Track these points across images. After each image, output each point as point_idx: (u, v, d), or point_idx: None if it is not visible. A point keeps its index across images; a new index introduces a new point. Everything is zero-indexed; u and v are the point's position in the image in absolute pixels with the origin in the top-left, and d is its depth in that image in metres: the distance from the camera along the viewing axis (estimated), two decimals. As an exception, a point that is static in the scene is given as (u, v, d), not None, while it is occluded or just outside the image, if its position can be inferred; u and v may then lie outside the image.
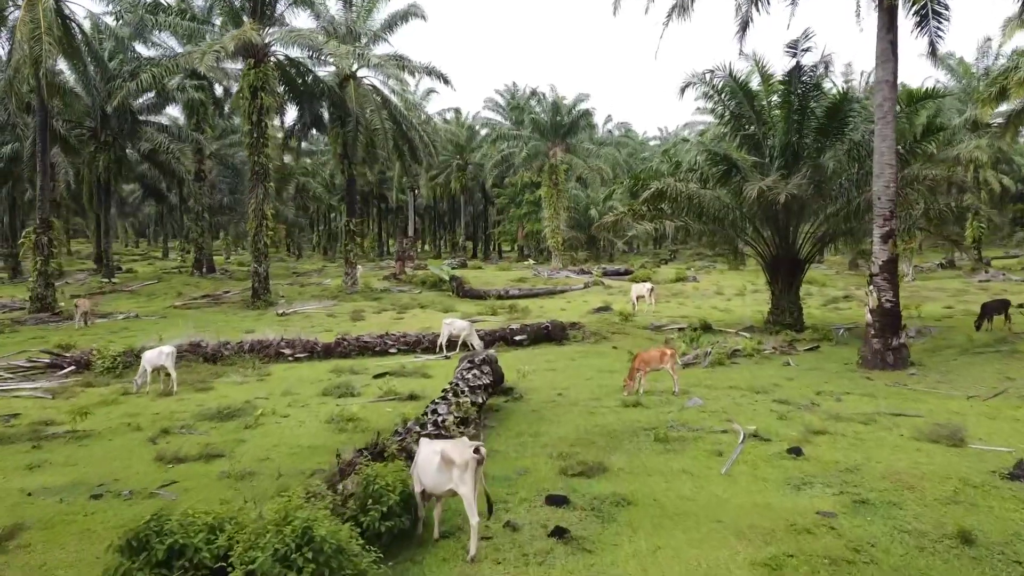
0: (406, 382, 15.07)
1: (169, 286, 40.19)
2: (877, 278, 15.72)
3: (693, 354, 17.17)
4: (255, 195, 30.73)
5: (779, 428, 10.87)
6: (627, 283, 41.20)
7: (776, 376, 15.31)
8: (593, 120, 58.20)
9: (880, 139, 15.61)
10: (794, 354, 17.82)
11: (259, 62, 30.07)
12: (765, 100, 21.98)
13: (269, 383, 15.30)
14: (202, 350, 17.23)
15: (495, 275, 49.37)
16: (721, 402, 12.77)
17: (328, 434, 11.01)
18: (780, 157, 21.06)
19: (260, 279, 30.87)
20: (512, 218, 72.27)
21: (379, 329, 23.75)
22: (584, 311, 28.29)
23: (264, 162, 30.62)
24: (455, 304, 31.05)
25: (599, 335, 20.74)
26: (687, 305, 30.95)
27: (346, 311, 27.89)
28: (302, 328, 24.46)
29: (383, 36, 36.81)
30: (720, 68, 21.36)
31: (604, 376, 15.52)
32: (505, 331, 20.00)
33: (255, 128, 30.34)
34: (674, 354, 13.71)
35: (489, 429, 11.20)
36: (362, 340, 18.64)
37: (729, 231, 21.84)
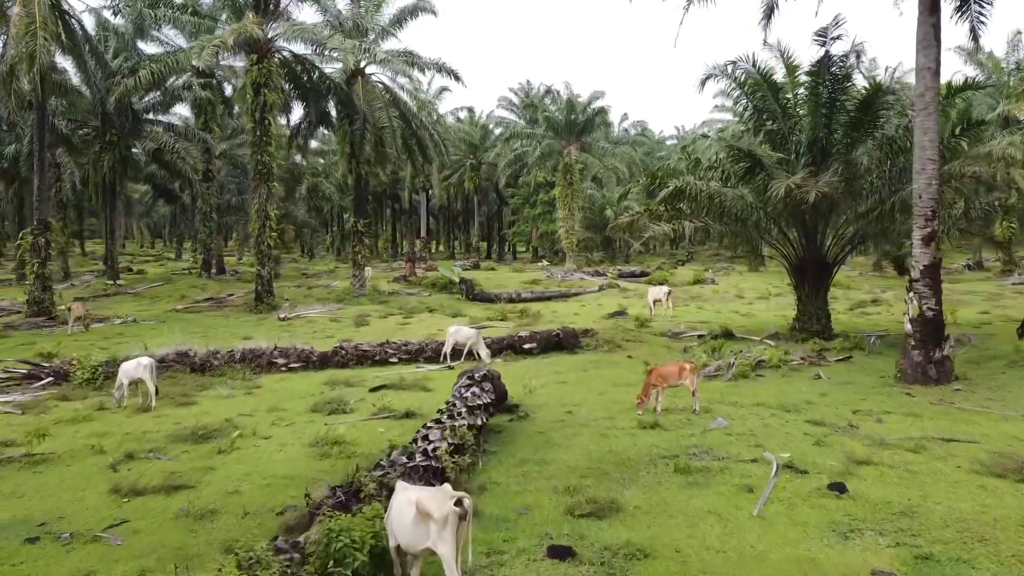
0: (404, 397, 13.93)
1: (174, 288, 39.37)
2: (918, 284, 14.39)
3: (715, 365, 15.90)
4: (258, 195, 29.76)
5: (816, 456, 9.61)
6: (643, 285, 39.89)
7: (807, 391, 14.02)
8: (608, 118, 56.99)
9: (921, 132, 14.28)
10: (824, 365, 16.50)
11: (262, 58, 29.07)
12: (791, 93, 20.66)
13: (257, 397, 14.22)
14: (190, 360, 16.19)
15: (507, 277, 48.26)
16: (748, 423, 11.52)
17: (309, 460, 9.88)
18: (807, 153, 19.72)
19: (263, 282, 29.91)
20: (526, 218, 71.08)
21: (383, 335, 22.65)
22: (598, 316, 27.05)
23: (267, 161, 29.64)
24: (464, 308, 29.93)
25: (613, 343, 19.51)
26: (706, 309, 29.64)
27: (351, 315, 26.83)
28: (304, 333, 23.46)
29: (391, 32, 35.75)
30: (743, 59, 20.08)
31: (618, 390, 14.30)
32: (514, 339, 18.81)
33: (258, 126, 29.36)
34: (694, 368, 12.48)
35: (489, 455, 10.03)
36: (361, 349, 17.54)
37: (752, 232, 20.53)
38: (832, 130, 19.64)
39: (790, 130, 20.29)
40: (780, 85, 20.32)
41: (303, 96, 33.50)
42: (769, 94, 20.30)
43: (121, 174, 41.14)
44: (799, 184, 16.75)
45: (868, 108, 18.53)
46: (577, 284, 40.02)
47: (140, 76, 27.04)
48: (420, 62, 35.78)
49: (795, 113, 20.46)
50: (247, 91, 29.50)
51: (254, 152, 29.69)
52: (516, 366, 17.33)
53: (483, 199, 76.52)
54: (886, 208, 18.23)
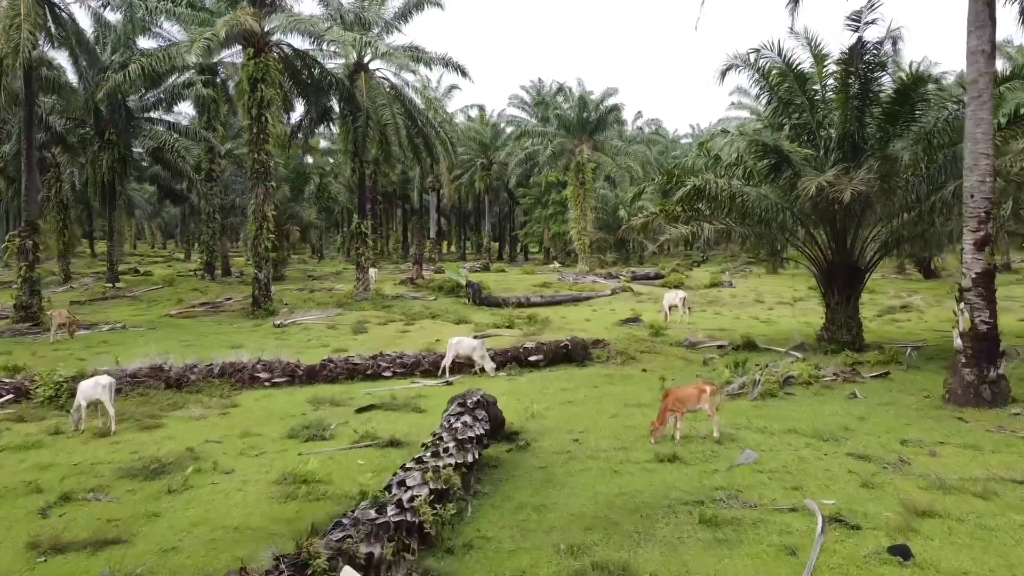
0: (392, 419, 12.54)
1: (174, 291, 38.22)
2: (970, 294, 12.83)
3: (739, 382, 14.41)
4: (255, 195, 28.51)
5: (867, 504, 8.12)
6: (658, 289, 38.36)
7: (843, 414, 12.50)
8: (622, 116, 55.46)
9: (973, 123, 12.73)
10: (860, 382, 14.95)
11: (259, 52, 27.82)
12: (818, 84, 19.10)
13: (231, 418, 12.87)
14: (165, 374, 14.87)
15: (517, 279, 46.87)
16: (780, 456, 10.02)
17: (271, 504, 8.50)
18: (837, 149, 18.17)
19: (261, 286, 28.65)
20: (537, 219, 69.71)
21: (381, 344, 21.31)
22: (610, 322, 25.58)
23: (264, 160, 28.38)
24: (470, 313, 28.52)
25: (626, 354, 18.03)
26: (724, 315, 28.08)
27: (350, 322, 25.49)
28: (297, 342, 22.17)
29: (396, 26, 34.38)
30: (767, 47, 18.54)
31: (631, 412, 12.85)
32: (518, 351, 17.37)
33: (255, 123, 28.10)
34: (715, 391, 10.98)
35: (481, 498, 8.61)
36: (351, 362, 16.17)
37: (776, 235, 18.99)
38: (864, 124, 18.08)
39: (818, 124, 18.74)
40: (807, 75, 18.76)
41: (303, 92, 32.24)
42: (795, 85, 18.76)
43: (121, 174, 40.06)
44: (831, 182, 15.22)
45: (905, 100, 16.96)
46: (589, 287, 38.55)
47: (130, 71, 25.81)
48: (425, 57, 34.43)
49: (823, 106, 18.90)
50: (243, 87, 28.26)
51: (251, 150, 28.43)
52: (521, 381, 15.94)
53: (494, 199, 75.14)
54: (925, 208, 16.65)
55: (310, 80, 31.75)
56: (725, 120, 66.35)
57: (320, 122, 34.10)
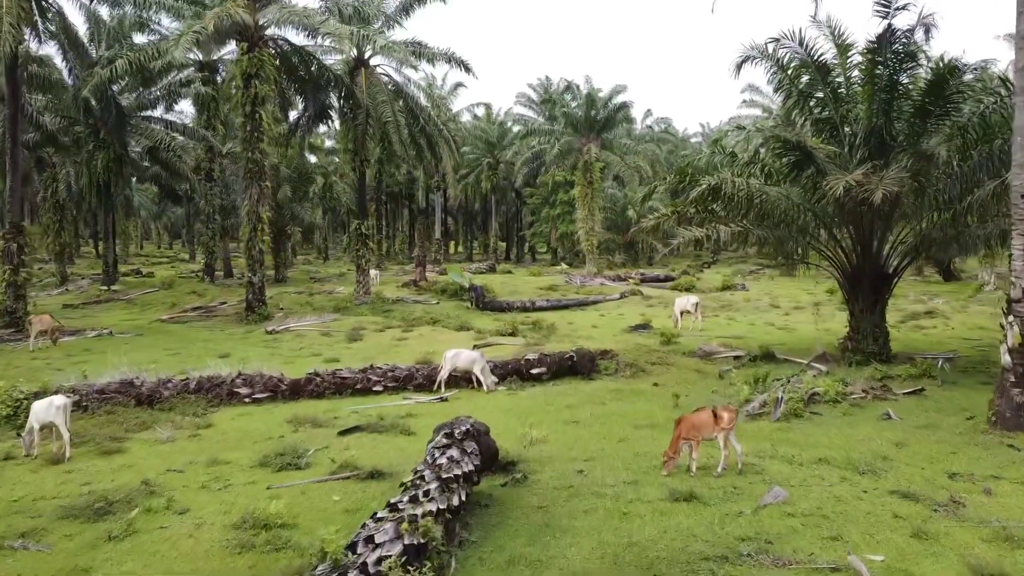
0: (377, 444, 11.36)
1: (170, 295, 37.20)
2: (1019, 306, 11.53)
3: (760, 400, 13.16)
4: (249, 196, 27.40)
5: (922, 561, 6.88)
6: (668, 292, 37.10)
7: (878, 439, 11.23)
8: (631, 114, 54.09)
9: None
10: (892, 400, 13.67)
11: (253, 46, 26.70)
12: (842, 76, 17.80)
13: (201, 442, 11.72)
14: (136, 390, 13.74)
15: (524, 281, 45.70)
16: (813, 493, 8.79)
17: (222, 557, 7.32)
18: (863, 146, 16.88)
19: (255, 290, 27.54)
20: (545, 219, 68.50)
21: (375, 353, 20.18)
22: (619, 329, 24.35)
23: (259, 159, 27.25)
24: (472, 319, 27.33)
25: (636, 366, 16.80)
26: (738, 321, 26.80)
27: (345, 328, 24.35)
28: (288, 350, 21.06)
29: (397, 20, 33.23)
30: (788, 36, 17.26)
31: (641, 435, 11.63)
32: (519, 363, 16.16)
33: (248, 120, 27.00)
34: (733, 418, 9.74)
35: (467, 548, 7.42)
36: (339, 376, 15.00)
37: (797, 237, 17.69)
38: (892, 118, 16.78)
39: (842, 119, 17.44)
40: (830, 66, 17.47)
41: (301, 89, 31.15)
42: (818, 77, 17.47)
43: (117, 174, 39.11)
44: (860, 181, 13.93)
45: (939, 92, 15.64)
46: (597, 290, 37.31)
47: (116, 66, 24.73)
48: (427, 52, 33.28)
49: (848, 99, 17.61)
50: (236, 83, 27.18)
51: (244, 149, 27.34)
52: (522, 397, 14.74)
53: (501, 199, 74.01)
54: (960, 209, 15.34)
55: (308, 77, 30.65)
56: (737, 118, 64.86)
57: (319, 120, 32.99)
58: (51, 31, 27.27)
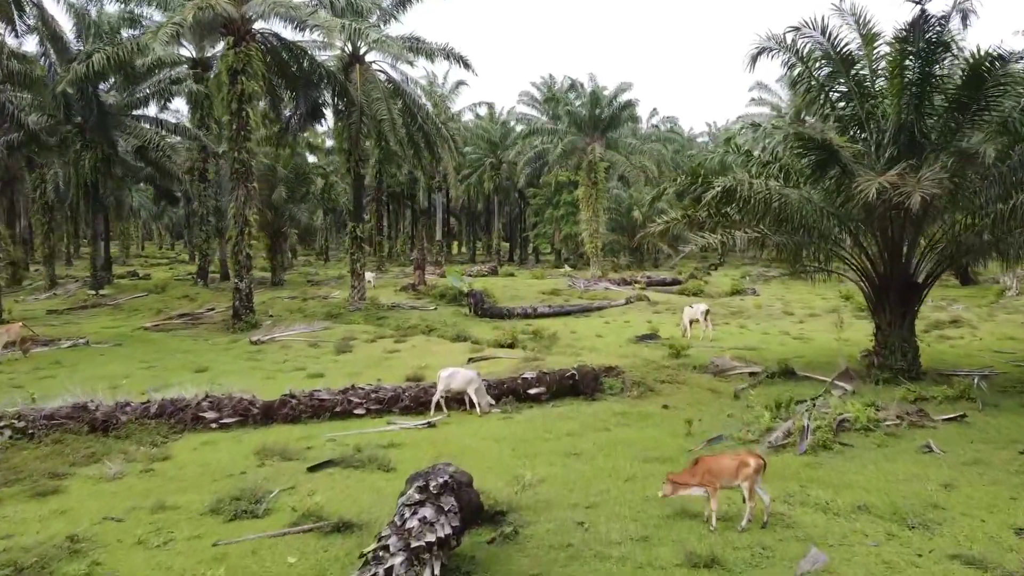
0: (351, 483, 10.00)
1: (159, 299, 35.97)
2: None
3: (783, 429, 11.76)
4: (235, 197, 26.05)
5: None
6: (675, 297, 35.68)
7: (923, 477, 9.83)
8: (636, 113, 52.61)
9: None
10: (930, 427, 12.25)
11: (240, 41, 25.37)
12: (868, 68, 16.36)
13: (152, 480, 10.35)
14: (89, 415, 12.40)
15: (526, 284, 44.38)
16: (857, 557, 7.39)
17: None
18: (891, 144, 15.45)
19: (242, 297, 26.19)
20: (548, 220, 67.20)
21: (363, 367, 18.86)
22: (625, 339, 22.96)
23: (246, 159, 25.91)
24: (470, 327, 25.96)
25: (643, 385, 15.39)
26: (751, 330, 25.37)
27: (335, 338, 22.99)
28: (270, 364, 19.73)
29: (393, 15, 31.95)
30: (809, 24, 15.84)
31: (652, 471, 10.23)
32: (516, 381, 14.76)
33: (235, 118, 25.65)
34: (759, 467, 8.32)
35: (440, 637, 6.05)
36: (317, 398, 13.63)
37: (818, 243, 16.26)
38: (924, 114, 15.36)
39: (868, 115, 16.01)
40: (854, 58, 16.03)
41: (292, 86, 29.78)
42: (841, 69, 16.05)
43: (105, 174, 37.92)
44: (895, 183, 12.51)
45: (979, 84, 14.21)
46: (601, 295, 35.92)
47: (93, 61, 23.39)
48: (425, 48, 31.92)
49: (874, 93, 16.18)
50: (222, 78, 25.86)
51: (231, 148, 26.03)
52: (517, 422, 13.35)
53: (504, 199, 72.70)
54: (1003, 213, 13.91)
55: (299, 73, 29.30)
56: (745, 117, 63.45)
57: (311, 119, 31.61)
58: (29, 25, 26.06)
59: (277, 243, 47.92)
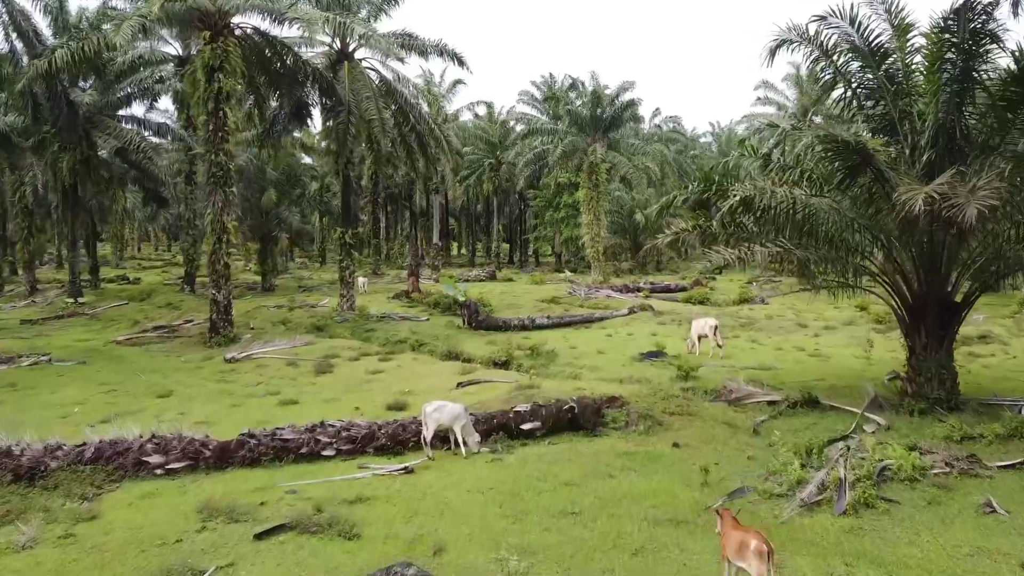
0: (302, 560, 8.30)
1: (140, 308, 34.36)
2: None
3: (816, 482, 10.08)
4: (212, 203, 24.40)
5: None
6: (680, 305, 34.01)
7: (992, 553, 8.15)
8: (638, 112, 50.89)
9: None
10: (986, 478, 10.56)
11: (217, 35, 23.75)
12: (900, 62, 14.68)
13: (66, 550, 8.66)
14: (13, 462, 10.75)
15: (524, 291, 42.71)
16: None
17: None
18: (930, 147, 13.76)
19: (220, 309, 24.56)
20: (549, 222, 65.58)
21: (342, 390, 17.22)
22: (628, 356, 21.27)
23: (223, 162, 24.28)
24: (462, 341, 24.28)
25: (651, 418, 13.69)
26: (763, 344, 23.68)
27: (317, 355, 21.33)
28: (242, 387, 18.10)
29: (384, 9, 30.31)
30: (836, 13, 14.17)
31: (665, 539, 8.57)
32: (508, 415, 13.07)
33: (211, 119, 24.03)
34: (762, 552, 6.62)
35: None
36: (280, 438, 11.93)
37: (845, 258, 14.56)
38: (967, 113, 13.69)
39: (902, 114, 14.32)
40: (886, 50, 14.35)
41: (275, 83, 28.13)
42: (872, 63, 14.36)
43: (84, 177, 36.30)
44: (944, 193, 10.82)
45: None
46: (603, 303, 34.25)
47: (56, 57, 21.74)
48: (417, 44, 30.35)
49: (908, 90, 14.49)
50: (198, 76, 24.22)
51: (207, 151, 24.38)
52: (507, 465, 11.66)
53: (504, 200, 71.09)
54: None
55: (283, 70, 27.64)
56: (750, 116, 61.90)
57: (296, 118, 29.95)
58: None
59: (267, 247, 46.39)
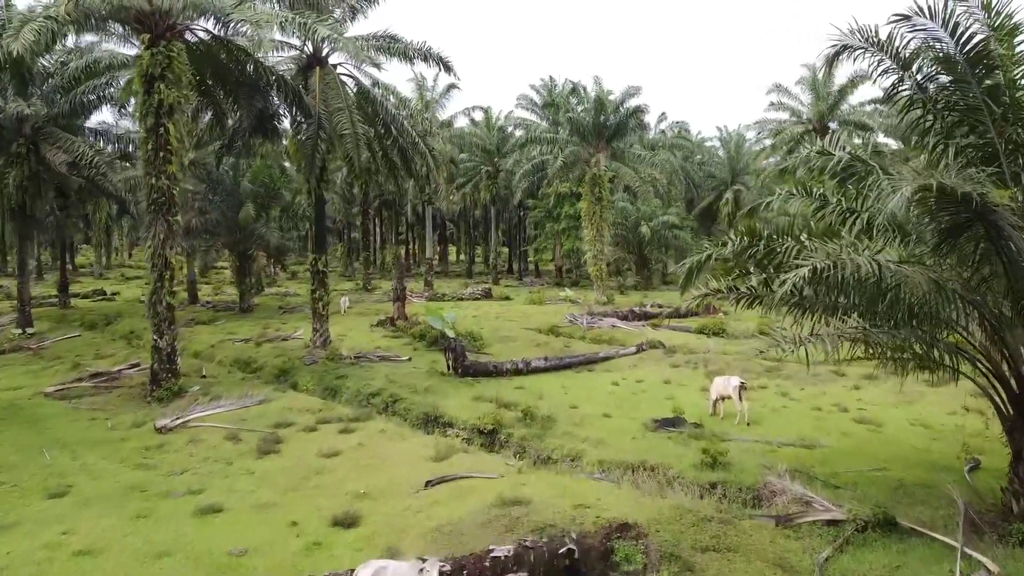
0: None
1: (93, 342, 30.93)
2: None
3: None
4: (153, 235, 20.87)
5: None
6: (693, 338, 30.44)
7: None
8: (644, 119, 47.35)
9: None
10: None
11: (158, 38, 20.28)
12: (1003, 77, 11.11)
13: None
14: None
15: (522, 313, 39.42)
16: None
17: None
18: (1051, 189, 10.22)
19: (162, 358, 21.04)
20: (549, 233, 62.23)
21: (285, 486, 13.70)
22: (640, 423, 17.71)
23: (166, 186, 20.75)
24: (446, 394, 20.74)
25: (677, 559, 10.13)
26: (796, 400, 20.16)
27: (268, 421, 17.82)
28: (163, 472, 14.64)
29: (358, 8, 26.82)
30: (924, 11, 10.63)
31: None
32: (483, 564, 9.53)
33: (151, 136, 20.53)
34: None
35: None
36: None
37: (935, 336, 11.01)
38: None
39: (1013, 145, 10.76)
40: (992, 61, 10.79)
41: (232, 93, 24.63)
42: (969, 75, 10.82)
43: (34, 194, 32.84)
44: None
45: None
46: (607, 336, 30.87)
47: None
48: (397, 48, 26.84)
49: (1017, 114, 10.94)
50: (136, 86, 20.79)
51: (146, 174, 20.83)
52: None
53: (503, 208, 67.64)
54: None
55: (242, 78, 24.14)
56: (763, 122, 58.46)
57: (259, 132, 26.43)
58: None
59: (245, 266, 42.98)
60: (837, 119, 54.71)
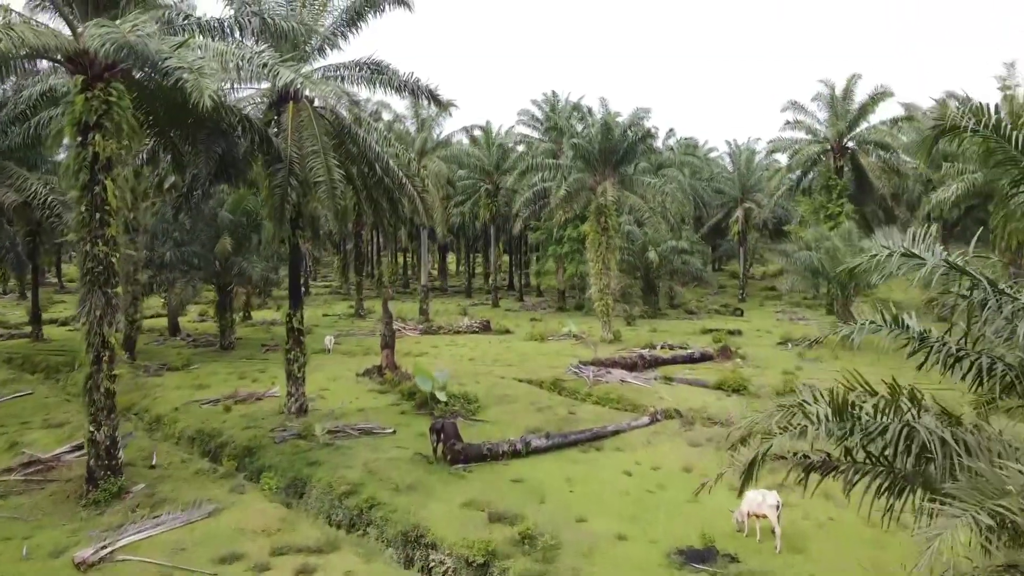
0: None
1: (44, 403, 27.86)
2: None
3: None
4: (88, 309, 17.77)
5: None
6: (712, 400, 27.28)
7: None
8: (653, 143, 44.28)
9: None
10: None
11: (94, 80, 17.25)
12: None
13: None
14: None
15: (522, 353, 36.71)
16: None
17: None
18: None
19: (101, 453, 17.96)
20: (550, 256, 59.19)
21: None
22: (663, 552, 14.63)
23: (103, 254, 17.65)
24: (430, 494, 17.66)
25: None
26: (843, 508, 16.92)
27: (212, 550, 14.79)
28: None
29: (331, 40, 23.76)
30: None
31: None
32: None
33: (85, 194, 17.46)
34: None
35: None
36: None
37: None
38: None
39: None
40: None
41: (190, 136, 21.60)
42: None
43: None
44: None
45: None
46: (616, 393, 27.85)
47: None
48: (382, 79, 23.84)
49: None
50: (68, 135, 17.77)
51: (81, 240, 17.71)
52: None
53: (503, 225, 64.71)
54: None
55: (200, 119, 21.07)
56: (777, 141, 55.50)
57: (222, 178, 23.38)
58: None
59: (225, 300, 40.02)
60: (856, 139, 51.82)
